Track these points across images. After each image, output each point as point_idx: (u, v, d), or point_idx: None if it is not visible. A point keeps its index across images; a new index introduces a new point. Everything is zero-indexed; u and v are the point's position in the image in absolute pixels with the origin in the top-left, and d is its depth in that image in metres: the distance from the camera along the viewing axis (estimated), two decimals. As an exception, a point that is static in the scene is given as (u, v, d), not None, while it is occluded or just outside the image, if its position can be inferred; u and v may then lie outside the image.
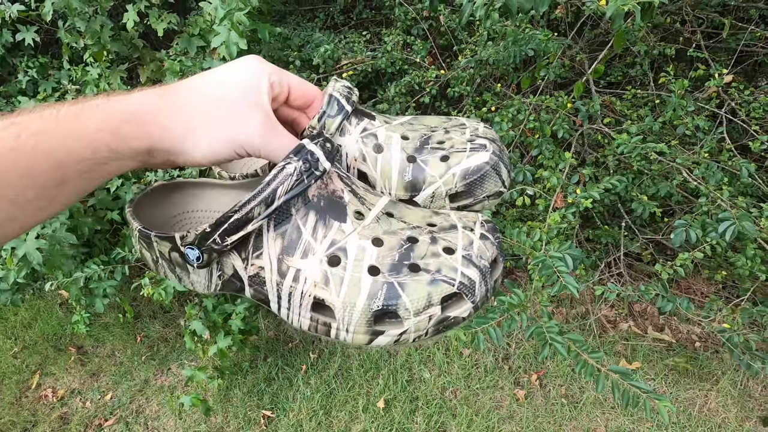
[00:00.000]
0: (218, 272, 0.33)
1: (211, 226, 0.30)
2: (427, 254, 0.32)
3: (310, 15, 2.14)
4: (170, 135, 0.29)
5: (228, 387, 1.59)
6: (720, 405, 1.39)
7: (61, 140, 0.25)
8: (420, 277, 0.30)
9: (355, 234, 0.32)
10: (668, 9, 1.48)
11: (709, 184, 1.12)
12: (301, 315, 0.32)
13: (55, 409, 1.61)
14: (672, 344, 1.55)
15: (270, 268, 0.31)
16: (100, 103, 0.28)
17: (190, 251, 0.31)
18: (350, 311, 0.30)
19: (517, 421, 1.42)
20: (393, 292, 0.30)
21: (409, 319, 0.30)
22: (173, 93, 0.30)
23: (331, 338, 0.31)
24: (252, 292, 0.33)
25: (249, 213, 0.30)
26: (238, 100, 0.31)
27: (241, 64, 0.32)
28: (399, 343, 0.31)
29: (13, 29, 1.60)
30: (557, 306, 1.70)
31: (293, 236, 0.31)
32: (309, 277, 0.31)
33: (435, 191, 0.38)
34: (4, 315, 1.97)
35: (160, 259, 0.34)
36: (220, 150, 0.30)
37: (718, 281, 1.47)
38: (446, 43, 1.76)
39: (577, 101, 1.32)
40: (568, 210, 1.02)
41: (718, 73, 1.33)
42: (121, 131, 0.27)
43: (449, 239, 0.33)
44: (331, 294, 0.30)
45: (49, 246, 1.15)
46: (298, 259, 0.31)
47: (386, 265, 0.31)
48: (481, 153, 0.38)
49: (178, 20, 1.42)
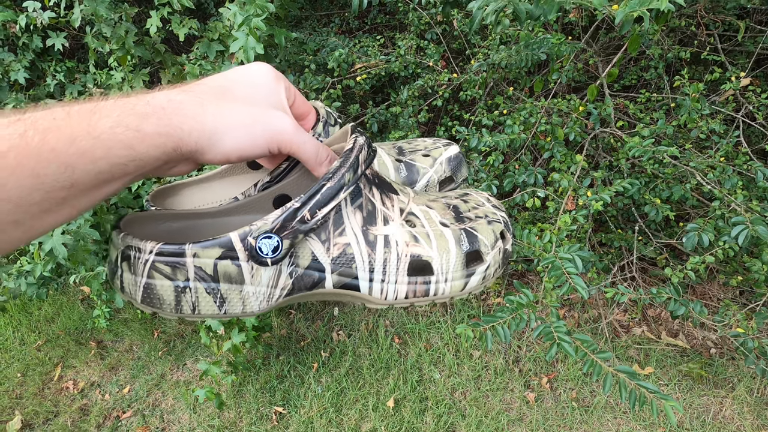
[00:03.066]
0: (289, 268, 0.30)
1: (300, 201, 0.29)
2: (470, 209, 0.38)
3: (325, 20, 2.18)
4: (201, 127, 0.27)
5: (241, 383, 1.63)
6: (735, 412, 1.37)
7: (72, 138, 0.23)
8: (480, 221, 0.36)
9: (412, 202, 0.35)
10: (684, 12, 1.47)
11: (724, 187, 1.11)
12: (398, 281, 0.32)
13: (76, 400, 1.67)
14: (686, 350, 1.53)
15: (357, 241, 0.31)
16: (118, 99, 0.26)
17: (266, 241, 0.28)
18: (446, 258, 0.33)
19: (526, 423, 1.42)
20: (471, 235, 0.34)
21: (488, 253, 0.35)
22: (197, 88, 0.29)
23: (428, 298, 0.32)
24: (335, 278, 0.31)
25: (341, 179, 0.29)
26: (264, 98, 0.31)
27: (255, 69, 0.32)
28: (484, 280, 0.34)
29: (44, 35, 1.67)
30: (569, 310, 1.70)
31: (369, 207, 0.32)
32: (399, 239, 0.32)
33: (429, 180, 0.45)
34: (29, 309, 2.04)
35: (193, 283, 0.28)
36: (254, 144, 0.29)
37: (733, 286, 1.45)
38: (459, 47, 1.78)
39: (590, 104, 1.32)
40: (579, 212, 1.02)
41: (735, 75, 1.32)
42: (142, 127, 0.25)
43: (472, 199, 0.39)
44: (424, 248, 0.32)
45: (73, 241, 1.20)
46: (381, 226, 0.32)
47: (450, 219, 0.35)
48: (453, 146, 0.47)
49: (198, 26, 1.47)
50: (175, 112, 0.26)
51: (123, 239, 0.29)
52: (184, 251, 0.28)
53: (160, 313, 0.29)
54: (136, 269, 0.28)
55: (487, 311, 1.71)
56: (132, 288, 0.29)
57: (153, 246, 0.28)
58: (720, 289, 1.61)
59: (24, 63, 1.68)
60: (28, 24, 1.46)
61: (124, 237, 0.29)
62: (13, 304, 2.03)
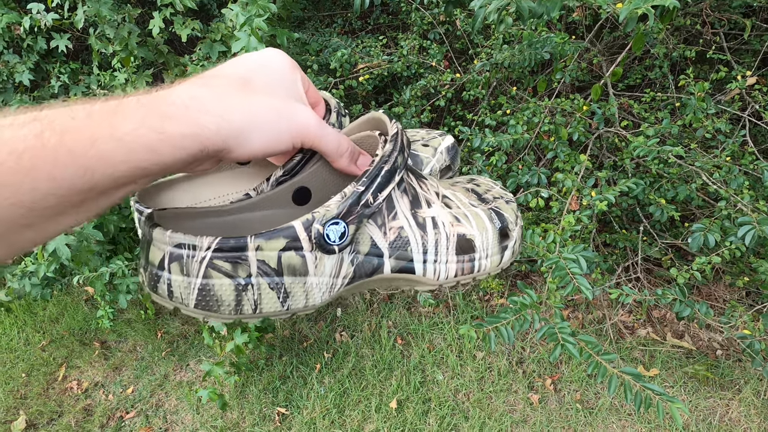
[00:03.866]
0: (351, 255, 0.30)
1: (363, 183, 0.29)
2: (485, 191, 0.40)
3: (328, 20, 2.18)
4: (229, 125, 0.26)
5: (244, 384, 1.63)
6: (742, 415, 1.35)
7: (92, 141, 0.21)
8: (500, 201, 0.38)
9: (440, 186, 0.37)
10: (689, 10, 1.46)
11: (730, 187, 1.10)
12: (449, 261, 0.34)
13: (80, 400, 1.67)
14: (692, 351, 1.52)
15: (409, 224, 0.32)
16: (140, 98, 0.24)
17: (333, 228, 0.28)
18: (486, 235, 0.35)
19: (530, 425, 1.41)
20: (499, 214, 0.37)
21: (514, 230, 0.37)
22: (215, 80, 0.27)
23: (472, 275, 0.35)
24: (393, 263, 0.32)
25: (395, 162, 0.30)
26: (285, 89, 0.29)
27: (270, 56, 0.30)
28: (514, 254, 0.37)
29: (48, 37, 1.68)
30: (573, 311, 1.69)
31: (413, 192, 0.33)
32: (444, 220, 0.34)
33: (432, 168, 0.47)
34: (33, 310, 2.05)
35: (255, 278, 0.27)
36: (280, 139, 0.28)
37: (740, 287, 1.44)
38: (462, 47, 1.77)
39: (594, 104, 1.31)
40: (583, 213, 1.02)
41: (741, 74, 1.31)
42: (166, 129, 0.23)
43: (482, 184, 0.41)
44: (467, 227, 0.34)
45: (77, 242, 1.20)
46: (426, 209, 0.33)
47: (476, 201, 0.37)
48: (448, 136, 0.50)
49: (201, 27, 1.48)
50: (199, 110, 0.25)
51: (171, 236, 0.26)
52: (246, 244, 0.26)
53: (214, 318, 0.27)
54: (189, 269, 0.26)
55: (491, 312, 1.70)
56: (184, 292, 0.26)
57: (211, 241, 0.25)
58: (726, 290, 1.60)
59: (28, 65, 1.69)
60: (32, 26, 1.47)
61: (173, 234, 0.26)
62: (17, 305, 2.04)
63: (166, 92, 0.25)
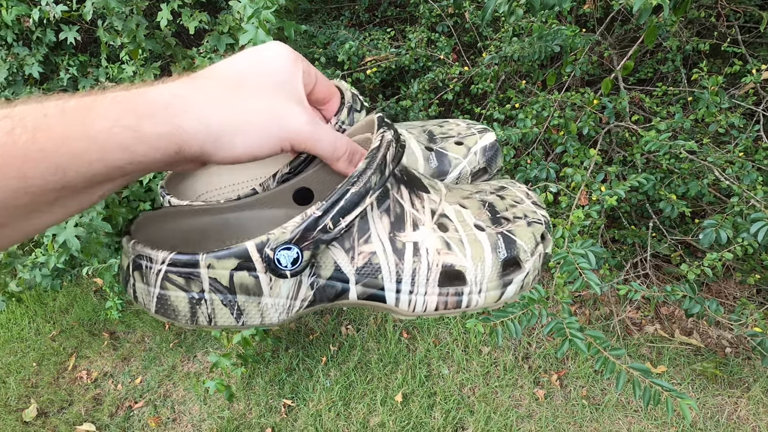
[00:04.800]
0: (310, 279, 0.28)
1: (321, 209, 0.26)
2: (507, 207, 0.34)
3: (335, 13, 2.16)
4: (207, 129, 0.25)
5: (251, 375, 1.64)
6: (751, 413, 1.34)
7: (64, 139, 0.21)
8: (519, 223, 0.32)
9: (444, 201, 0.32)
10: (704, 2, 1.43)
11: (743, 183, 1.08)
12: (428, 293, 0.29)
13: (89, 390, 1.70)
14: (700, 349, 1.50)
15: (383, 249, 0.28)
16: (117, 95, 0.23)
17: (285, 253, 0.26)
18: (481, 267, 0.30)
19: (535, 420, 1.41)
20: (509, 240, 0.31)
21: (528, 260, 0.31)
22: (203, 81, 0.26)
23: (460, 309, 0.30)
24: (360, 289, 0.29)
25: (367, 183, 0.27)
26: (277, 88, 0.28)
27: (270, 51, 0.29)
28: (522, 288, 0.32)
29: (56, 29, 1.69)
30: (580, 307, 1.68)
31: (398, 211, 0.29)
32: (430, 246, 0.29)
33: (461, 171, 0.41)
34: (44, 300, 2.08)
35: (208, 295, 0.27)
36: (265, 143, 0.27)
37: (750, 284, 1.42)
38: (471, 40, 1.75)
39: (605, 98, 1.29)
40: (592, 208, 1.01)
41: (756, 68, 1.28)
42: (142, 128, 0.23)
43: (510, 194, 0.36)
44: (457, 256, 0.29)
45: (86, 234, 1.21)
46: (410, 232, 0.29)
47: (486, 221, 0.32)
48: (488, 134, 0.43)
49: (208, 19, 1.47)
50: (178, 111, 0.24)
51: (134, 247, 0.27)
52: (198, 261, 0.26)
53: (176, 324, 0.28)
54: (148, 279, 0.27)
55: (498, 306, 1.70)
56: (145, 298, 0.27)
57: (165, 256, 0.26)
58: (736, 288, 1.58)
59: (38, 57, 1.70)
60: (42, 18, 1.47)
61: (135, 245, 0.27)
62: (28, 295, 2.07)
63: (147, 89, 0.24)
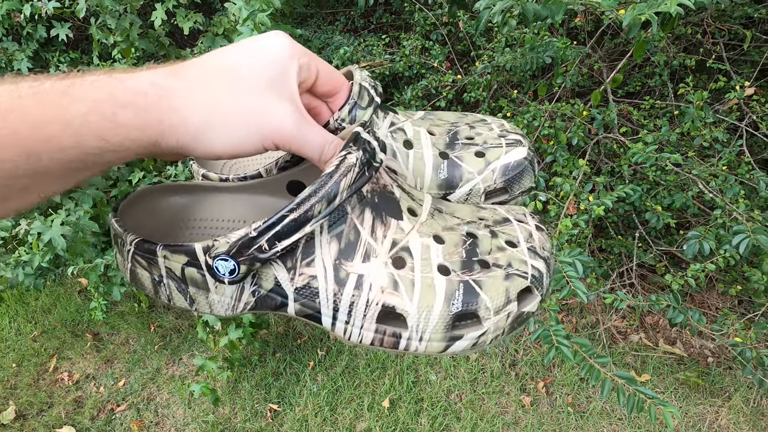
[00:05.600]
0: (252, 287, 0.28)
1: (257, 230, 0.25)
2: (493, 249, 0.30)
3: (331, 18, 2.17)
4: (185, 123, 0.24)
5: (237, 379, 1.62)
6: (731, 422, 1.37)
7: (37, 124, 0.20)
8: (494, 273, 0.28)
9: (415, 232, 0.29)
10: (690, 20, 1.47)
11: (726, 196, 1.11)
12: (364, 328, 0.28)
13: (71, 392, 1.66)
14: (683, 358, 1.53)
15: (324, 276, 0.27)
16: (96, 79, 0.22)
17: (222, 263, 0.26)
18: (426, 316, 0.27)
19: (522, 427, 1.42)
20: (471, 291, 0.27)
21: (489, 319, 0.28)
22: (189, 71, 0.25)
23: (398, 350, 0.28)
24: (298, 307, 0.28)
25: (308, 211, 0.25)
26: (266, 84, 0.26)
27: (268, 43, 0.27)
28: (476, 346, 0.28)
29: (48, 25, 1.67)
30: (567, 315, 1.69)
31: (351, 237, 0.27)
32: (374, 282, 0.27)
33: (473, 188, 0.36)
34: (26, 300, 2.04)
35: (166, 279, 0.29)
36: (246, 142, 0.26)
37: (732, 296, 1.45)
38: (464, 49, 1.78)
39: (594, 110, 1.32)
40: (580, 217, 1.02)
41: (740, 85, 1.32)
42: (118, 118, 0.22)
43: (508, 232, 0.32)
44: (402, 299, 0.27)
45: (72, 233, 1.19)
46: (359, 263, 0.27)
47: (456, 263, 0.28)
48: (519, 148, 0.37)
49: (203, 20, 1.47)
50: (157, 102, 0.23)
51: (113, 224, 0.29)
52: (156, 251, 0.27)
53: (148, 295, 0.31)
54: (123, 254, 0.29)
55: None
56: (122, 267, 0.30)
57: (132, 239, 0.28)
58: (719, 299, 1.61)
59: (27, 53, 1.68)
60: (33, 13, 1.46)
61: (114, 223, 0.29)
62: (10, 294, 2.02)
63: (128, 76, 0.23)
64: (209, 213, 0.35)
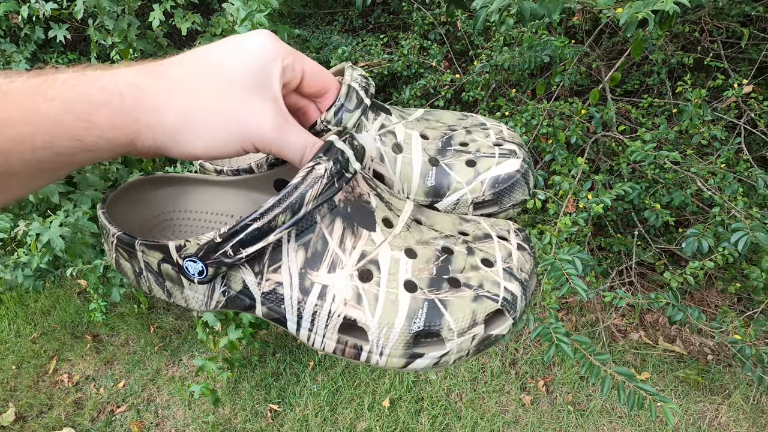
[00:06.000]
0: (222, 288, 0.29)
1: (222, 236, 0.26)
2: (466, 267, 0.29)
3: (329, 18, 2.17)
4: (162, 124, 0.23)
5: (237, 380, 1.62)
6: (731, 419, 1.37)
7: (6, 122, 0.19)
8: (463, 293, 0.28)
9: (386, 244, 0.28)
10: (688, 18, 1.48)
11: (724, 194, 1.11)
12: (326, 337, 0.28)
13: (70, 394, 1.66)
14: (683, 356, 1.53)
15: (290, 283, 0.27)
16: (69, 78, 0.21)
17: (191, 264, 0.27)
18: (387, 332, 0.27)
19: (522, 426, 1.42)
20: (435, 311, 0.27)
21: (452, 340, 0.27)
22: (168, 71, 0.24)
23: (360, 362, 0.28)
24: (265, 310, 0.29)
25: (272, 221, 0.25)
26: (247, 84, 0.25)
27: (251, 42, 0.26)
28: (438, 365, 0.28)
29: (46, 26, 1.67)
30: (566, 313, 1.69)
31: (318, 247, 0.27)
32: (338, 294, 0.27)
33: (460, 198, 0.35)
34: (25, 302, 2.03)
35: (145, 272, 0.29)
36: (224, 144, 0.25)
37: (731, 293, 1.45)
38: (462, 48, 1.78)
39: (593, 108, 1.32)
40: (579, 215, 1.02)
41: (738, 83, 1.32)
42: (93, 118, 0.21)
43: (486, 250, 0.30)
44: (364, 313, 0.27)
45: (71, 234, 1.19)
46: (324, 273, 0.27)
47: (424, 280, 0.28)
48: (512, 160, 0.35)
49: (201, 20, 1.47)
50: (133, 101, 0.22)
51: (100, 215, 0.31)
52: (135, 245, 0.28)
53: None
54: (108, 244, 0.30)
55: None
56: (108, 255, 0.31)
57: (114, 232, 0.29)
58: (718, 296, 1.61)
59: (25, 54, 1.68)
60: (30, 15, 1.45)
61: (101, 215, 0.30)
62: (9, 296, 2.02)
63: (102, 74, 0.22)
64: (197, 205, 0.36)
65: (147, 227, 0.35)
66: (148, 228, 0.35)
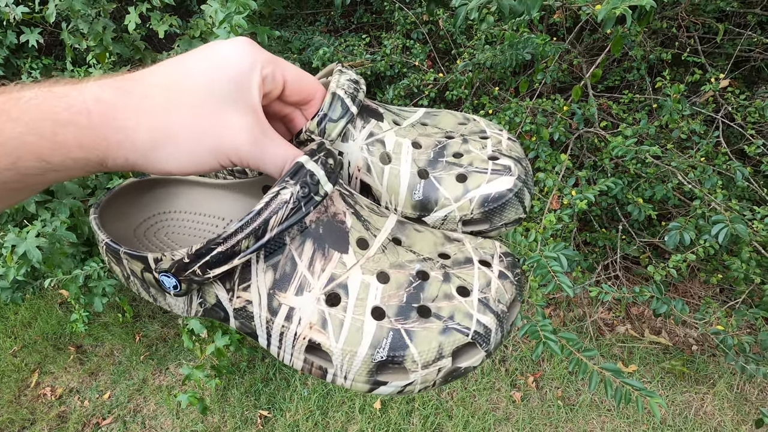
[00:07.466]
0: (199, 299, 0.29)
1: (189, 257, 0.26)
2: (439, 295, 0.28)
3: (311, 19, 2.16)
4: (133, 143, 0.23)
5: (225, 387, 1.60)
6: (716, 408, 1.39)
7: None
8: (431, 325, 0.27)
9: (358, 267, 0.28)
10: (665, 14, 1.50)
11: (704, 187, 1.13)
12: (294, 356, 0.28)
13: (54, 407, 1.62)
14: (669, 347, 1.55)
15: (259, 303, 0.27)
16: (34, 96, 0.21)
17: (166, 279, 0.27)
18: (350, 359, 0.26)
19: (513, 422, 1.42)
20: (400, 341, 0.26)
21: (416, 371, 0.26)
22: (138, 86, 0.23)
23: (327, 381, 0.28)
24: (238, 324, 0.29)
25: (235, 246, 0.25)
26: (221, 97, 0.24)
27: (227, 51, 0.25)
28: (403, 393, 0.28)
29: (18, 31, 1.62)
30: (554, 309, 1.71)
31: (287, 269, 0.27)
32: (304, 317, 0.27)
33: (448, 215, 0.33)
34: (4, 314, 1.97)
35: (132, 277, 0.30)
36: (200, 160, 0.25)
37: (714, 284, 1.48)
38: (445, 47, 1.78)
39: (575, 105, 1.33)
40: (564, 211, 1.03)
41: (715, 77, 1.35)
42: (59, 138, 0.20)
43: (464, 277, 0.29)
44: (329, 339, 0.26)
45: (48, 244, 1.16)
46: (291, 295, 0.27)
47: (393, 308, 0.27)
48: (505, 177, 0.33)
49: (179, 23, 1.44)
50: (101, 120, 0.21)
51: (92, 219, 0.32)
52: (120, 253, 0.29)
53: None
54: (100, 248, 0.31)
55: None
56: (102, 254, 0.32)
57: (103, 238, 0.30)
58: (701, 287, 1.64)
59: (-2, 59, 1.63)
60: (1, 19, 1.41)
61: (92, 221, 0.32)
62: (-13, 309, 1.96)
63: (69, 90, 0.21)
64: (188, 206, 0.37)
65: (142, 229, 0.35)
66: (143, 230, 0.35)
